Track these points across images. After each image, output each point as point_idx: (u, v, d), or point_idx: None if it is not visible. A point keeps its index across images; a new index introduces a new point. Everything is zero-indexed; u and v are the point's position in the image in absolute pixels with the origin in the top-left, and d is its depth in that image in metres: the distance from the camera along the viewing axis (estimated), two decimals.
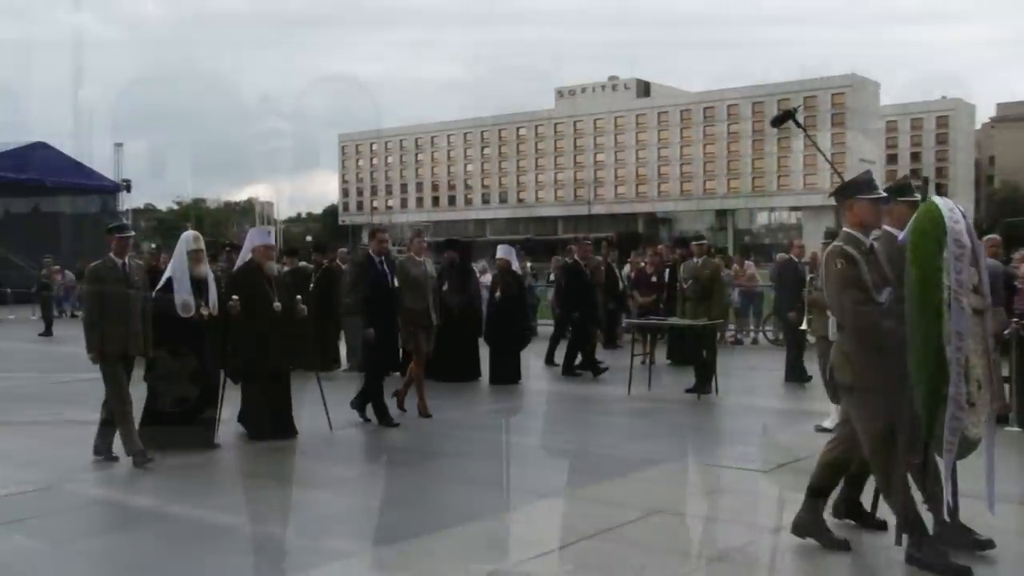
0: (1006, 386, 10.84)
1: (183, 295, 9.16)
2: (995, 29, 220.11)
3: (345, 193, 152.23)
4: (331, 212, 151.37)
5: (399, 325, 11.17)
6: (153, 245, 51.23)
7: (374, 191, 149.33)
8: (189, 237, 9.61)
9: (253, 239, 10.49)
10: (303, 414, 10.18)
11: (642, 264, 19.34)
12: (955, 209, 5.57)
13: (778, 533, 6.57)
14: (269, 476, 8.47)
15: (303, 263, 17.47)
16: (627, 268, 20.13)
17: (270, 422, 9.88)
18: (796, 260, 14.73)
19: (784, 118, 12.05)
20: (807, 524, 6.19)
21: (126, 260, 8.93)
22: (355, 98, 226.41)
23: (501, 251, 15.58)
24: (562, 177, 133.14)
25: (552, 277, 23.80)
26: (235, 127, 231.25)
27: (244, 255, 10.48)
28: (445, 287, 13.94)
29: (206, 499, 7.64)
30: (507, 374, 14.32)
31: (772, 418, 11.61)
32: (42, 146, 42.93)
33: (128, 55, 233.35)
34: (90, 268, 9.12)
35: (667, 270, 17.15)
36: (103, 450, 8.86)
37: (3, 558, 6.19)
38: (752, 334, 21.97)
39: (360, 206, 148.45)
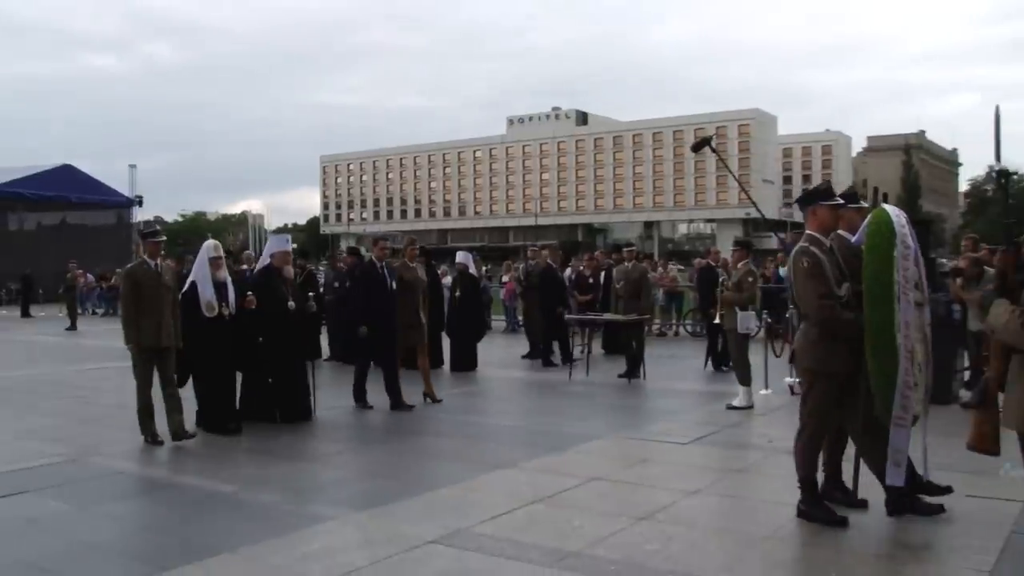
0: None
1: (207, 296, 8.94)
2: (865, 75, 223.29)
3: (326, 207, 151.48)
4: (314, 223, 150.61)
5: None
6: (162, 252, 50.45)
7: (351, 205, 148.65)
8: (210, 246, 9.33)
9: (272, 246, 10.31)
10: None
11: (581, 268, 19.34)
12: (901, 215, 5.60)
13: (695, 495, 6.59)
14: (265, 452, 8.35)
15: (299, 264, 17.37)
16: (568, 271, 20.09)
17: (290, 407, 9.67)
18: (713, 265, 14.76)
19: (701, 144, 12.09)
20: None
21: (158, 261, 8.75)
22: (335, 125, 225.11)
23: (460, 257, 15.55)
24: (512, 193, 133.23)
25: (505, 279, 23.82)
26: (232, 150, 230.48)
27: (264, 259, 10.27)
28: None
29: (210, 471, 7.56)
30: (466, 362, 14.28)
31: (691, 399, 11.65)
32: (67, 168, 43.03)
33: (141, 89, 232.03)
34: (127, 270, 8.95)
35: (602, 273, 17.16)
36: (150, 438, 8.61)
37: (40, 518, 6.16)
38: (674, 327, 22.05)
39: (339, 218, 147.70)
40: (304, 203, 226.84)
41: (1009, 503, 5.92)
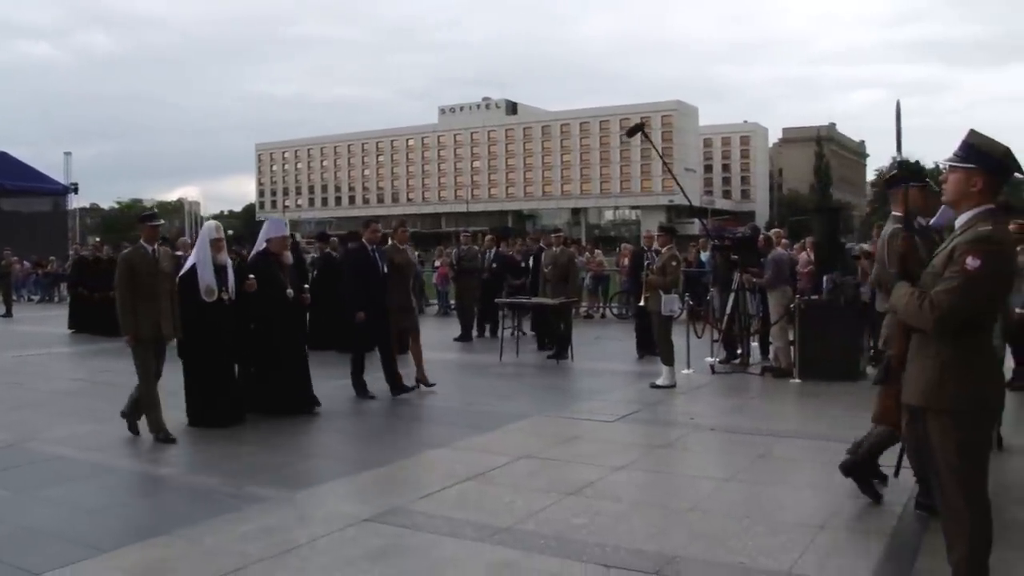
0: (791, 348, 11.24)
1: (207, 280, 8.32)
2: (780, 71, 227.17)
3: (261, 194, 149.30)
4: (249, 210, 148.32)
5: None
6: (97, 239, 49.37)
7: (286, 192, 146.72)
8: (212, 227, 8.71)
9: (269, 230, 9.49)
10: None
11: (510, 252, 19.38)
12: None
13: (621, 470, 6.68)
14: (202, 436, 8.23)
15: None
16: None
17: (290, 398, 9.09)
18: (645, 249, 14.71)
19: (635, 130, 12.26)
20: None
21: (155, 247, 8.11)
22: (271, 114, 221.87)
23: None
24: (445, 180, 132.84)
25: (437, 263, 23.74)
26: (168, 138, 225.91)
27: (259, 244, 9.46)
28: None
29: (148, 455, 7.44)
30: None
31: (617, 378, 11.77)
32: (1, 155, 41.60)
33: (77, 77, 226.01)
34: (122, 256, 8.31)
35: (531, 257, 17.22)
36: (130, 424, 8.09)
37: None
38: (601, 310, 22.22)
39: (274, 204, 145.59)
40: (240, 190, 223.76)
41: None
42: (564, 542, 5.01)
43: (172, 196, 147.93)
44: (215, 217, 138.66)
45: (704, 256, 17.49)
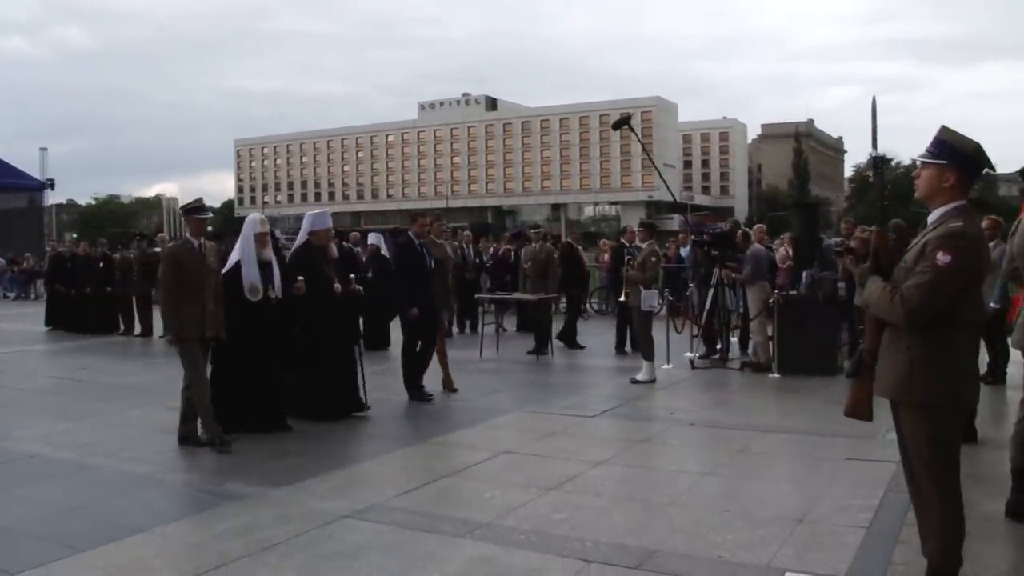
0: (770, 343, 11.32)
1: (251, 279, 7.77)
2: (759, 67, 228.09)
3: (240, 190, 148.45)
4: (228, 206, 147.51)
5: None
6: (74, 235, 49.05)
7: (265, 188, 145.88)
8: (256, 220, 8.15)
9: (314, 223, 8.83)
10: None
11: (492, 248, 19.38)
12: None
13: (601, 465, 6.71)
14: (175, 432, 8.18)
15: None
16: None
17: (339, 401, 8.60)
18: (627, 244, 14.66)
19: (622, 123, 12.29)
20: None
21: (202, 241, 7.59)
22: (250, 110, 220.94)
23: (372, 238, 15.40)
24: (424, 176, 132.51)
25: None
26: (146, 134, 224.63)
27: (302, 236, 8.87)
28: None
29: (124, 452, 7.35)
30: (379, 340, 14.20)
31: (597, 374, 11.82)
32: None
33: (53, 72, 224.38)
34: (167, 250, 7.89)
35: (513, 254, 17.23)
36: (189, 436, 7.56)
37: None
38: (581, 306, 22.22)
39: (253, 200, 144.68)
40: (219, 186, 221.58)
41: (885, 464, 6.18)
42: (544, 537, 5.03)
43: (150, 192, 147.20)
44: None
45: (684, 252, 17.53)
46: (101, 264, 17.82)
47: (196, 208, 7.79)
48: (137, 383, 11.31)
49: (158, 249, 18.00)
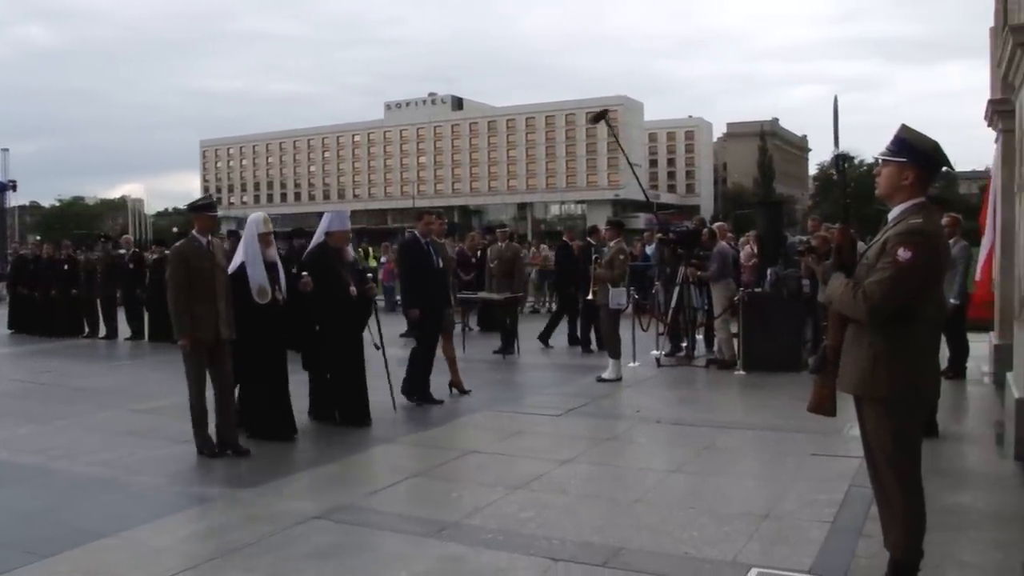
0: (735, 340, 11.41)
1: (259, 280, 7.46)
2: (723, 66, 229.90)
3: (206, 190, 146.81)
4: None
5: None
6: (37, 237, 48.38)
7: (231, 188, 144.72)
8: (259, 219, 7.78)
9: (332, 223, 8.52)
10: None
11: (459, 247, 19.37)
12: None
13: (568, 464, 6.73)
14: (141, 434, 8.10)
15: (168, 251, 16.90)
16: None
17: (352, 407, 8.30)
18: (593, 243, 14.60)
19: (599, 117, 12.36)
20: None
21: (210, 239, 7.30)
22: (215, 110, 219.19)
23: None
24: (391, 176, 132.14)
25: (383, 259, 23.58)
26: (110, 134, 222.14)
27: (319, 236, 8.55)
28: (294, 269, 13.56)
29: (88, 455, 7.25)
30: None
31: (563, 373, 11.84)
32: None
33: (15, 71, 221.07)
34: (174, 249, 7.43)
35: (479, 253, 17.22)
36: (206, 448, 7.19)
37: None
38: (547, 305, 22.28)
39: (219, 201, 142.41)
40: (185, 187, 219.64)
41: (849, 459, 6.25)
42: (511, 536, 5.04)
43: (115, 193, 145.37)
44: (160, 214, 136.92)
45: (649, 250, 17.61)
46: (65, 266, 17.57)
47: (206, 205, 7.60)
48: (102, 386, 11.17)
49: (123, 251, 17.83)
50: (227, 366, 7.25)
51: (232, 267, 7.51)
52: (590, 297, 11.34)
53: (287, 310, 7.80)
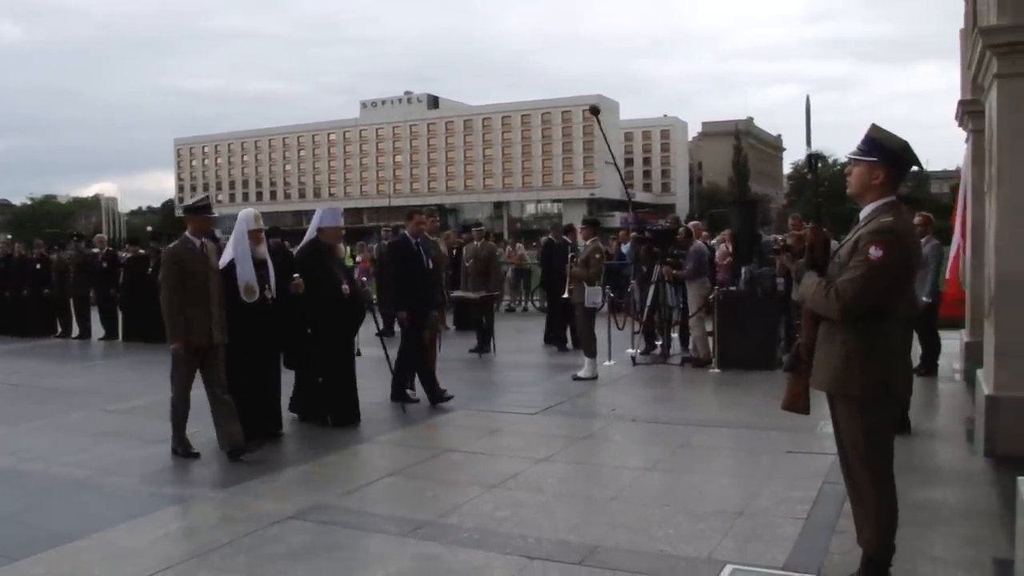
0: (710, 338, 11.46)
1: (246, 278, 7.29)
2: (698, 66, 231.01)
3: (181, 189, 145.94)
4: (168, 206, 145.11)
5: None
6: (8, 236, 47.83)
7: (206, 187, 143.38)
8: (249, 216, 7.60)
9: (324, 219, 8.37)
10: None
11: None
12: None
13: (544, 462, 6.73)
14: (113, 434, 8.03)
15: (142, 250, 16.82)
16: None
17: (344, 408, 8.19)
18: (569, 242, 14.55)
19: (595, 111, 12.54)
20: None
21: (203, 240, 7.16)
22: (190, 109, 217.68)
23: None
24: (367, 175, 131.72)
25: (359, 258, 23.51)
26: (83, 133, 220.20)
27: (311, 233, 8.33)
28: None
29: (59, 456, 7.18)
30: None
31: (539, 371, 11.85)
32: None
33: None
34: (167, 251, 7.23)
35: (454, 251, 17.20)
36: (182, 448, 7.12)
37: None
38: (523, 303, 22.31)
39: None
40: (159, 186, 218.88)
41: (823, 456, 6.29)
42: (487, 535, 5.04)
43: (88, 192, 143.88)
44: (133, 213, 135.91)
45: (625, 248, 17.65)
46: (38, 265, 17.41)
47: (203, 207, 7.40)
48: (76, 386, 11.08)
49: (96, 250, 17.67)
50: (220, 370, 7.08)
51: (221, 264, 7.35)
52: (565, 295, 11.34)
53: (276, 309, 7.64)
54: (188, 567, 4.62)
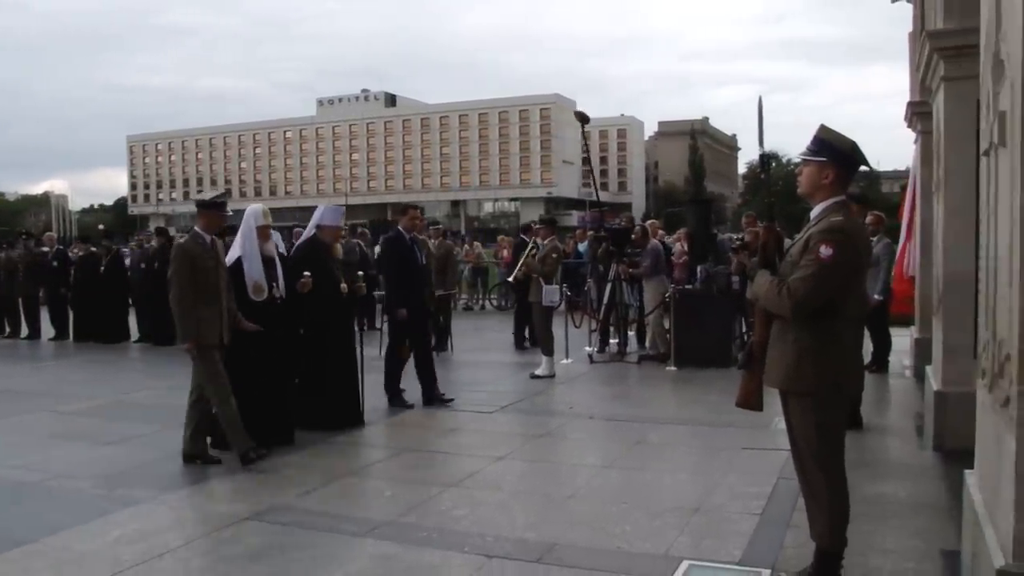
0: (667, 336, 11.55)
1: (255, 276, 7.03)
2: (655, 65, 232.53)
3: (133, 187, 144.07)
4: (121, 204, 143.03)
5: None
6: None
7: (160, 185, 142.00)
8: (258, 212, 7.27)
9: (325, 217, 8.14)
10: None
11: None
12: None
13: (502, 461, 6.74)
14: (67, 437, 7.90)
15: (94, 248, 16.57)
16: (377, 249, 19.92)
17: (346, 411, 7.98)
18: (527, 240, 14.49)
19: (582, 119, 12.59)
20: None
21: (213, 237, 6.86)
22: (143, 105, 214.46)
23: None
24: (323, 173, 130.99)
25: None
26: (32, 129, 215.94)
27: (309, 230, 8.16)
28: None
29: (10, 459, 7.05)
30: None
31: (497, 369, 11.85)
32: None
33: None
34: (178, 246, 6.89)
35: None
36: (199, 454, 6.82)
37: None
38: (480, 302, 22.32)
39: (147, 198, 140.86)
40: (111, 183, 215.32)
41: (778, 452, 6.36)
42: (445, 534, 5.04)
43: (38, 189, 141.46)
44: (85, 211, 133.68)
45: (582, 247, 17.73)
46: None
47: (218, 203, 7.01)
48: (25, 387, 10.88)
49: (46, 249, 17.37)
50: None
51: (228, 261, 7.06)
52: (511, 279, 11.18)
53: (285, 309, 7.37)
54: (141, 571, 4.56)
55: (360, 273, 8.70)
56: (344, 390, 8.04)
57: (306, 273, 7.52)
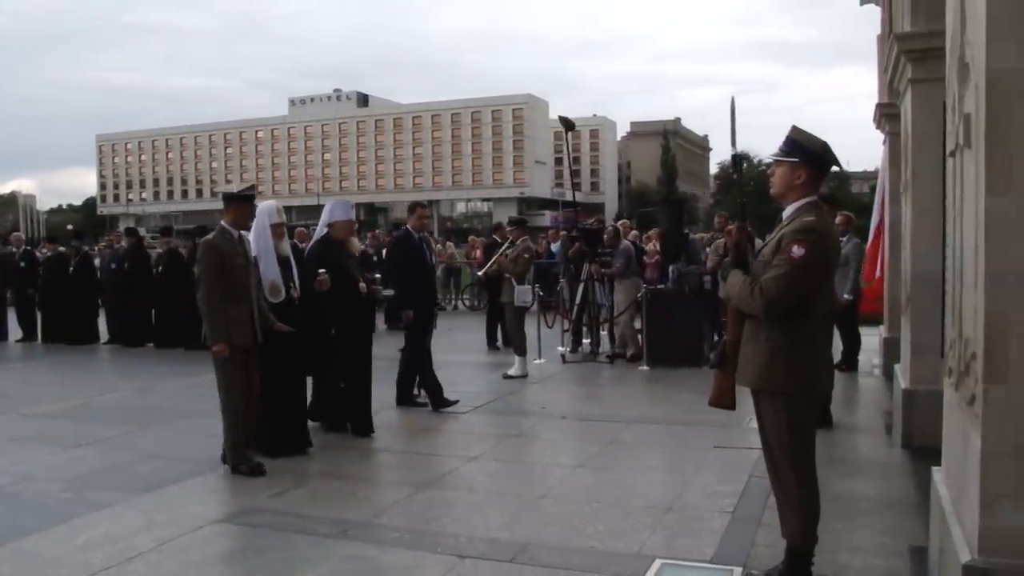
0: (639, 336, 11.60)
1: (272, 276, 6.77)
2: (627, 66, 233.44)
3: (103, 187, 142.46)
4: (90, 204, 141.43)
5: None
6: None
7: (129, 185, 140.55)
8: (272, 209, 6.97)
9: (334, 213, 7.79)
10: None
11: (363, 246, 19.20)
12: None
13: (475, 461, 6.74)
14: (32, 439, 7.81)
15: (62, 248, 16.38)
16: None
17: (364, 415, 7.70)
18: (499, 240, 14.48)
19: (569, 125, 12.62)
20: None
21: (240, 232, 6.57)
22: (112, 104, 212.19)
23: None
24: (295, 173, 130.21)
25: None
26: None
27: (321, 229, 7.84)
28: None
29: None
30: None
31: (470, 370, 11.83)
32: None
33: None
34: (205, 242, 6.54)
35: (383, 251, 17.10)
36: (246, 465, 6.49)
37: None
38: (453, 302, 22.30)
39: (117, 198, 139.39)
40: (80, 183, 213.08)
41: (750, 451, 6.41)
42: (418, 534, 5.03)
43: (5, 189, 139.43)
44: (53, 211, 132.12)
45: (555, 247, 17.75)
46: None
47: (247, 196, 6.70)
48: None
49: (13, 249, 17.16)
50: (256, 376, 6.57)
51: None
52: (481, 274, 11.14)
53: (302, 309, 7.12)
54: (111, 574, 4.51)
55: (378, 275, 8.54)
56: (363, 392, 7.82)
57: (322, 270, 7.32)
